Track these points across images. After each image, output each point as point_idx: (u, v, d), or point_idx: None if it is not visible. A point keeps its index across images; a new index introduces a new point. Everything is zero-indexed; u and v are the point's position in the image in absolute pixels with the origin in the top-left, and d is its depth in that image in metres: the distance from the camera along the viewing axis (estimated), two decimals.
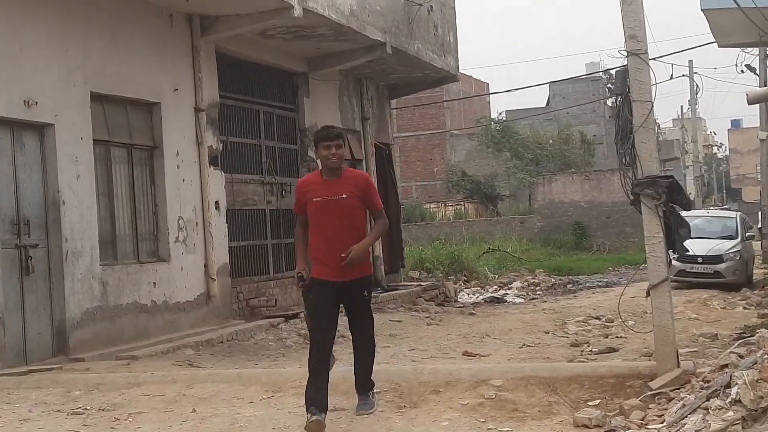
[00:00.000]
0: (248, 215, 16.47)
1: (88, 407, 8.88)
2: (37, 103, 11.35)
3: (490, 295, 20.18)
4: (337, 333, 8.01)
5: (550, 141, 51.62)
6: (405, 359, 11.77)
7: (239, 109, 16.21)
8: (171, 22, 14.03)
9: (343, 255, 7.45)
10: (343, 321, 8.02)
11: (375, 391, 8.07)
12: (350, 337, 8.31)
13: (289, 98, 17.99)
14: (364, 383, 7.97)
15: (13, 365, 10.68)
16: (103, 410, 8.78)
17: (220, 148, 15.09)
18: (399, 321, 15.94)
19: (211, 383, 9.36)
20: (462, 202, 48.03)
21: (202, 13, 14.33)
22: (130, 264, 13.07)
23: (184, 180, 14.14)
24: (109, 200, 12.88)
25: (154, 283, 13.37)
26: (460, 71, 22.55)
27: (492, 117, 57.07)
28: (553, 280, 27.28)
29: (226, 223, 15.19)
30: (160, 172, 13.78)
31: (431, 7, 19.58)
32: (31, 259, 11.32)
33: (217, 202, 14.88)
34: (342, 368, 8.51)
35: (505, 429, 7.57)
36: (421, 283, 21.17)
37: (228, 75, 15.53)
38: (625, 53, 8.37)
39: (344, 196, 7.50)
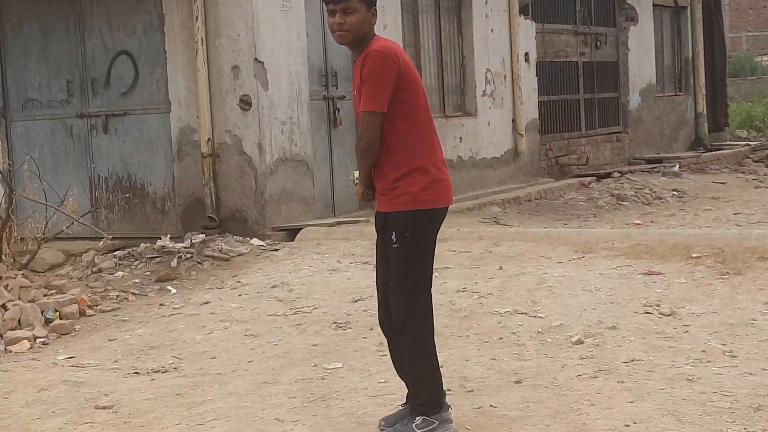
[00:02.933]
0: (559, 68, 16.34)
1: None
2: None
3: None
4: None
5: None
6: (729, 223, 11.47)
7: None
8: None
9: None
10: None
11: (426, 419, 5.07)
12: None
13: None
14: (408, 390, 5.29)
15: (321, 216, 11.23)
16: None
17: None
18: (723, 183, 15.46)
19: (518, 241, 9.47)
20: None
21: None
22: (437, 118, 13.20)
23: (492, 30, 14.18)
24: (416, 51, 13.05)
25: (460, 138, 13.60)
26: None
27: None
28: None
29: (536, 76, 15.16)
30: (467, 22, 13.85)
31: None
32: (338, 111, 11.74)
33: (526, 54, 14.86)
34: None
35: None
36: (750, 143, 20.44)
37: None
38: None
39: (354, 92, 5.23)
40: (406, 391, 5.34)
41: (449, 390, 5.87)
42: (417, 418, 5.06)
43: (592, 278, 8.20)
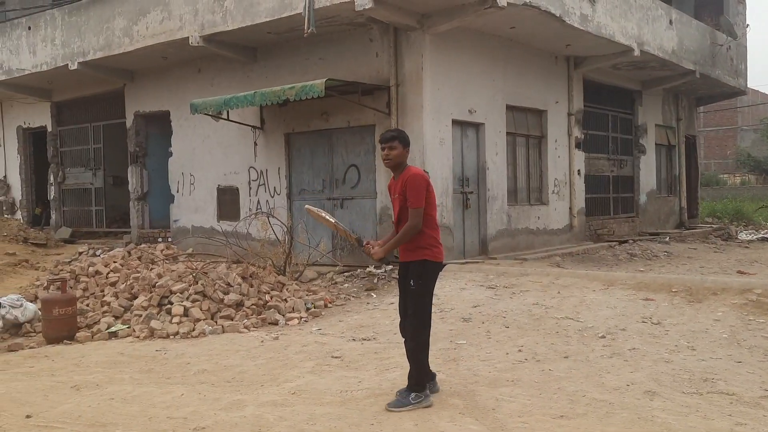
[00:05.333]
0: (598, 178, 16.08)
1: (498, 285, 9.26)
2: (476, 111, 11.90)
3: (761, 235, 18.24)
4: None
5: None
6: (696, 272, 11.16)
7: (595, 113, 15.80)
8: (555, 62, 13.99)
9: (366, 243, 5.15)
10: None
11: (417, 394, 4.89)
12: None
13: (628, 106, 17.22)
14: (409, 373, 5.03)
15: (457, 259, 11.27)
16: (505, 287, 9.11)
17: (582, 137, 14.87)
18: (695, 248, 14.98)
19: (570, 278, 9.45)
20: (746, 174, 43.27)
21: (576, 55, 14.16)
22: (524, 205, 13.37)
23: (559, 156, 14.16)
24: (513, 167, 13.12)
25: (538, 217, 13.57)
26: (748, 87, 20.37)
27: None
28: None
29: (584, 182, 15.06)
30: (544, 151, 13.86)
31: (729, 47, 17.86)
32: (468, 200, 11.88)
33: (579, 170, 14.75)
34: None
35: (761, 320, 7.13)
36: (712, 225, 19.61)
37: (589, 92, 15.20)
38: None
39: (397, 195, 5.04)
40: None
41: (525, 360, 5.97)
42: (411, 393, 4.89)
43: (612, 300, 8.15)
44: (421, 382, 4.91)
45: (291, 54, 12.27)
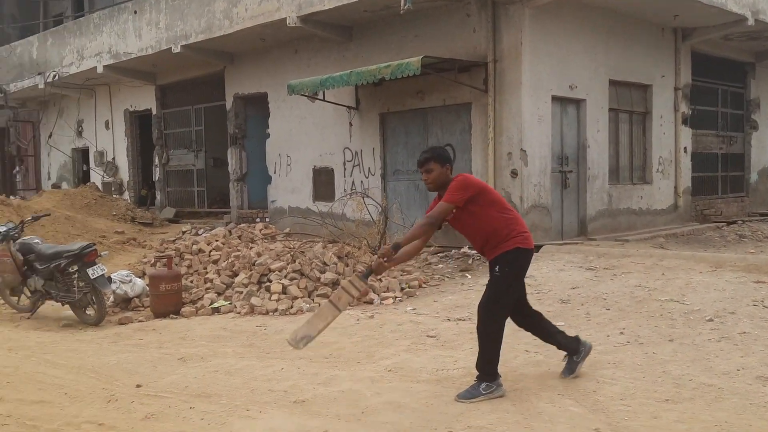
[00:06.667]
0: (705, 156, 15.35)
1: (597, 266, 9.04)
2: (577, 86, 11.59)
3: None
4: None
5: None
6: None
7: (703, 87, 15.02)
8: (662, 34, 13.41)
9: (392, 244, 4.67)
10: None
11: (488, 384, 4.66)
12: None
13: (739, 79, 16.30)
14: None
15: (554, 239, 11.11)
16: (606, 269, 8.88)
17: (689, 113, 14.20)
18: None
19: (674, 259, 9.12)
20: None
21: (684, 26, 13.51)
22: (626, 184, 12.97)
23: (664, 133, 13.62)
24: (615, 145, 12.74)
25: (641, 196, 13.13)
26: None
27: None
28: None
29: (690, 160, 14.42)
30: (648, 128, 13.37)
31: None
32: (567, 179, 11.64)
33: (685, 148, 14.12)
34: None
35: None
36: None
37: (697, 65, 14.46)
38: None
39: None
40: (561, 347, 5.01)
41: (627, 342, 5.83)
42: (482, 383, 4.68)
43: (720, 283, 7.81)
44: (490, 371, 4.68)
45: (386, 32, 12.29)
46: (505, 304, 4.73)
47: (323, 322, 4.76)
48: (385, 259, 4.60)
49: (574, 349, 5.04)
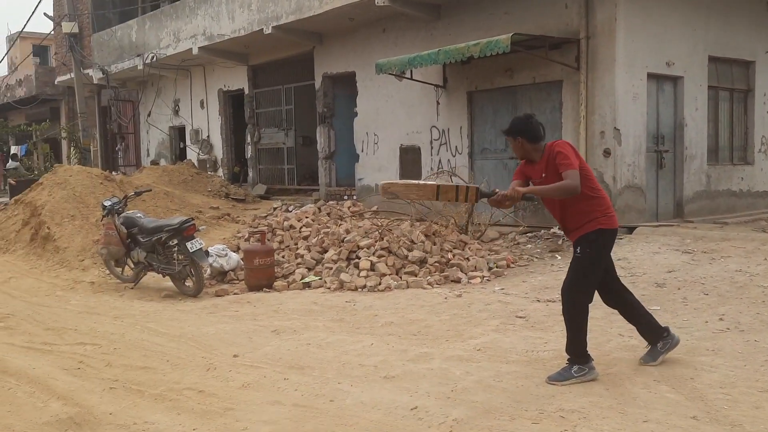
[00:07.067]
0: None
1: (695, 250, 8.73)
2: (674, 63, 11.15)
3: None
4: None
5: None
6: None
7: None
8: (766, 7, 12.68)
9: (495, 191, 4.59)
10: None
11: (580, 366, 4.59)
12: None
13: None
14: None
15: (649, 221, 10.80)
16: (704, 252, 8.51)
17: None
18: None
19: None
20: None
21: None
22: (726, 165, 12.42)
23: (767, 112, 12.97)
24: (715, 124, 12.20)
25: (742, 178, 12.55)
26: None
27: None
28: None
29: None
30: (750, 106, 12.73)
31: None
32: (663, 159, 11.26)
33: None
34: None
35: None
36: None
37: None
38: None
39: (544, 176, 4.58)
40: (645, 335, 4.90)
41: (727, 329, 5.63)
42: (574, 366, 4.60)
43: None
44: (581, 353, 4.62)
45: (474, 9, 12.13)
46: (587, 286, 4.65)
47: (416, 183, 4.95)
48: (508, 202, 4.53)
49: (654, 339, 4.89)
